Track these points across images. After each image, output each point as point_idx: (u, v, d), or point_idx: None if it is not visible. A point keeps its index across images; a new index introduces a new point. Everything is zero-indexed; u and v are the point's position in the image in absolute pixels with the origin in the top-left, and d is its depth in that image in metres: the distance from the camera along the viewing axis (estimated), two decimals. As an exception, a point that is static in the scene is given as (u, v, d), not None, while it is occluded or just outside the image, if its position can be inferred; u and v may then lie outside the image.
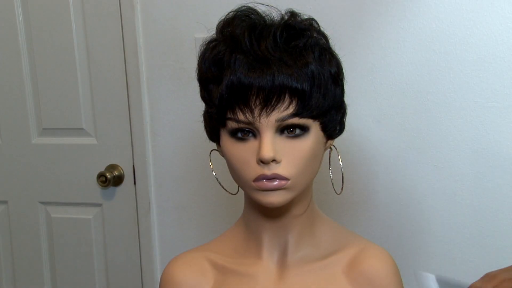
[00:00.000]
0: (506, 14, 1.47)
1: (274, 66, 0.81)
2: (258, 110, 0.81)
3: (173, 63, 1.77)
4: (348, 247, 0.95)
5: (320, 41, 0.87)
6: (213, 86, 0.86)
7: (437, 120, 1.56)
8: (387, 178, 1.63)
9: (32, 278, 2.05)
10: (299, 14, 0.88)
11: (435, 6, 1.52)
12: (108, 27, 1.82)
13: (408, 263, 1.63)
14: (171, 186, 1.85)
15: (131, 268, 1.94)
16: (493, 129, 1.53)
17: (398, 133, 1.60)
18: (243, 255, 0.95)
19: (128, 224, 1.92)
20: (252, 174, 0.83)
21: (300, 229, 0.93)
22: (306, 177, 0.86)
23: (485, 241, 1.58)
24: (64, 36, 1.85)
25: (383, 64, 1.57)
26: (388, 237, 1.65)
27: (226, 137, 0.86)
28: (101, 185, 1.87)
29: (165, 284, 0.97)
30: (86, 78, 1.87)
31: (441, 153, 1.58)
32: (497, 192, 1.55)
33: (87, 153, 1.92)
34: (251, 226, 0.95)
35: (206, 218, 1.83)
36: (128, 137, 1.86)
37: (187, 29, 1.73)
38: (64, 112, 1.91)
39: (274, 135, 0.83)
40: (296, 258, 0.93)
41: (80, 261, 1.99)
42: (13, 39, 1.90)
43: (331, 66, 0.86)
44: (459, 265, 1.61)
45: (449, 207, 1.60)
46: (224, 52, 0.84)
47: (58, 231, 2.00)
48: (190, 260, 0.97)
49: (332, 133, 0.90)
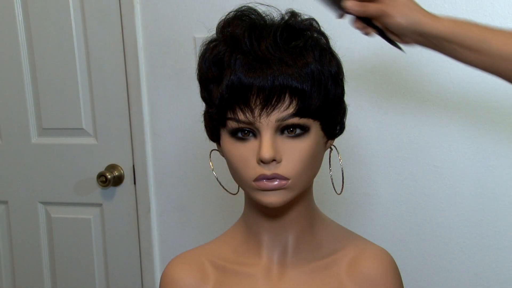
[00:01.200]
0: (506, 14, 1.47)
1: (275, 66, 0.81)
2: (258, 110, 0.81)
3: (173, 63, 1.77)
4: (348, 247, 0.95)
5: (320, 41, 0.87)
6: (213, 86, 0.86)
7: (437, 120, 1.56)
8: (387, 178, 1.63)
9: (32, 278, 2.05)
10: (299, 14, 0.88)
11: (435, 6, 1.52)
12: (108, 27, 1.82)
13: (408, 263, 1.63)
14: (171, 186, 1.85)
15: (131, 268, 1.94)
16: (493, 129, 1.53)
17: (398, 133, 1.60)
18: (243, 255, 0.95)
19: (128, 224, 1.92)
20: (252, 174, 0.83)
21: (300, 229, 0.93)
22: (306, 177, 0.86)
23: (485, 241, 1.58)
24: (64, 36, 1.85)
25: (383, 64, 1.57)
26: (388, 237, 1.65)
27: (226, 137, 0.86)
28: (101, 185, 1.87)
29: (165, 284, 0.96)
30: (86, 78, 1.87)
31: (441, 153, 1.58)
32: (497, 192, 1.55)
33: (87, 153, 1.92)
34: (251, 226, 0.95)
35: (206, 218, 1.83)
36: (128, 137, 1.86)
37: (187, 29, 1.73)
38: (64, 112, 1.91)
39: (274, 135, 0.83)
40: (296, 258, 0.93)
41: (80, 261, 1.99)
42: (13, 39, 1.90)
43: (331, 66, 0.86)
44: (459, 265, 1.61)
45: (449, 207, 1.60)
46: (224, 52, 0.84)
47: (58, 231, 2.00)
48: (190, 260, 0.97)
49: (332, 133, 0.90)
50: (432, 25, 0.93)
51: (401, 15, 0.93)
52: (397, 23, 0.94)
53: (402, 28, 0.95)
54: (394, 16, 0.94)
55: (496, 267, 1.59)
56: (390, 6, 0.94)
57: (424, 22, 0.94)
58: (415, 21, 0.93)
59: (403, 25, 0.94)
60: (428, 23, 0.94)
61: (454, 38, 0.93)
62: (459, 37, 0.92)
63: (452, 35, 0.92)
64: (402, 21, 0.94)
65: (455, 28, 0.93)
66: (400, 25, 0.94)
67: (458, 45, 0.93)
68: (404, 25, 0.94)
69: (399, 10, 0.93)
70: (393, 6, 0.94)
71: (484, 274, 1.60)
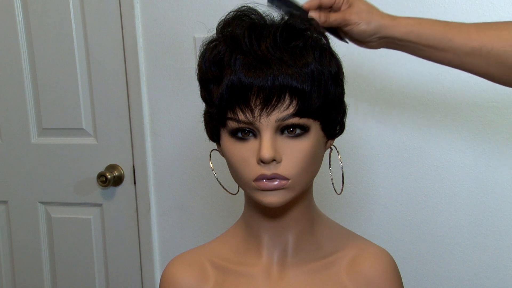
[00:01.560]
0: (506, 14, 1.47)
1: (274, 66, 0.81)
2: (258, 110, 0.81)
3: (173, 63, 1.77)
4: (348, 247, 0.95)
5: (320, 41, 0.87)
6: (213, 86, 0.86)
7: (437, 120, 1.56)
8: (387, 178, 1.63)
9: (32, 278, 2.05)
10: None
11: (435, 6, 1.52)
12: (108, 27, 1.82)
13: (408, 263, 1.63)
14: (171, 186, 1.85)
15: (131, 268, 1.94)
16: (493, 129, 1.53)
17: (398, 133, 1.60)
18: (243, 255, 0.95)
19: (128, 224, 1.92)
20: (252, 174, 0.83)
21: (300, 229, 0.93)
22: (306, 177, 0.86)
23: (485, 241, 1.59)
24: (64, 36, 1.85)
25: (383, 64, 1.57)
26: (388, 237, 1.65)
27: (227, 137, 0.86)
28: (101, 185, 1.87)
29: (165, 284, 0.96)
30: (86, 78, 1.87)
31: (441, 153, 1.58)
32: (497, 192, 1.55)
33: (87, 153, 1.92)
34: (251, 226, 0.95)
35: (206, 218, 1.83)
36: (128, 137, 1.86)
37: (187, 29, 1.73)
38: (64, 112, 1.91)
39: (274, 135, 0.83)
40: (296, 258, 0.93)
41: (80, 261, 1.99)
42: (13, 39, 1.90)
43: (331, 66, 0.86)
44: (459, 265, 1.61)
45: (449, 207, 1.60)
46: (224, 52, 0.84)
47: (58, 231, 2.00)
48: (190, 260, 0.97)
49: (332, 133, 0.90)
50: (395, 28, 0.94)
51: (364, 22, 0.94)
52: (360, 30, 0.94)
53: (366, 34, 0.95)
54: (357, 24, 0.94)
55: (496, 267, 1.59)
56: (353, 15, 0.94)
57: (387, 25, 0.94)
58: (378, 26, 0.94)
59: (367, 32, 0.94)
60: (391, 26, 0.94)
61: (418, 39, 0.93)
62: (423, 37, 0.92)
63: (415, 36, 0.92)
64: (366, 27, 0.94)
65: (418, 28, 0.93)
66: (364, 32, 0.94)
67: (422, 45, 0.94)
68: (368, 31, 0.94)
69: (361, 17, 0.94)
70: (355, 13, 0.94)
71: (484, 274, 1.60)
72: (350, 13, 0.94)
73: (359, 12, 0.94)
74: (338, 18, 0.94)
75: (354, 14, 0.94)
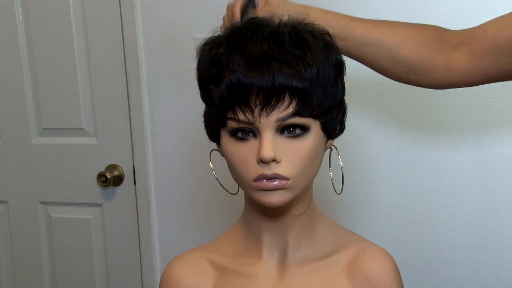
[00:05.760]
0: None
1: (274, 66, 0.81)
2: (258, 110, 0.81)
3: (173, 63, 1.77)
4: (348, 247, 0.95)
5: (320, 40, 0.86)
6: (213, 86, 0.86)
7: (437, 120, 1.56)
8: (387, 178, 1.63)
9: (32, 278, 2.05)
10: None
11: (435, 6, 1.52)
12: (108, 27, 1.82)
13: (408, 263, 1.63)
14: (171, 186, 1.85)
15: (131, 268, 1.94)
16: (493, 129, 1.53)
17: (398, 133, 1.60)
18: (243, 255, 0.95)
19: (128, 224, 1.92)
20: (252, 174, 0.83)
21: (300, 229, 0.93)
22: (306, 177, 0.86)
23: (485, 241, 1.59)
24: (64, 36, 1.85)
25: (383, 64, 1.57)
26: (388, 237, 1.65)
27: (226, 137, 0.86)
28: (101, 185, 1.87)
29: (165, 284, 0.96)
30: (86, 78, 1.87)
31: (441, 153, 1.58)
32: (497, 192, 1.55)
33: (87, 153, 1.92)
34: (251, 226, 0.95)
35: (206, 218, 1.83)
36: (128, 137, 1.86)
37: (187, 29, 1.73)
38: (64, 112, 1.91)
39: (274, 135, 0.83)
40: (296, 258, 0.93)
41: (80, 261, 1.99)
42: (13, 39, 1.90)
43: (332, 65, 0.85)
44: (459, 265, 1.61)
45: (449, 207, 1.60)
46: (223, 52, 0.84)
47: (58, 231, 2.00)
48: (190, 260, 0.97)
49: (333, 133, 0.90)
50: (308, 11, 1.00)
51: (285, 12, 0.98)
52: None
53: None
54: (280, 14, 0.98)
55: (496, 267, 1.59)
56: (276, 8, 0.99)
57: (302, 11, 1.00)
58: (298, 12, 0.99)
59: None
60: (305, 12, 0.99)
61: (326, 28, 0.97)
62: (329, 25, 0.96)
63: (322, 23, 0.95)
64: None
65: (324, 17, 1.00)
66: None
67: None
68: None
69: (281, 9, 0.99)
70: (277, 6, 1.00)
71: (484, 274, 1.60)
72: (273, 6, 0.99)
73: (280, 4, 1.00)
74: (266, 12, 0.98)
75: (276, 7, 1.00)
